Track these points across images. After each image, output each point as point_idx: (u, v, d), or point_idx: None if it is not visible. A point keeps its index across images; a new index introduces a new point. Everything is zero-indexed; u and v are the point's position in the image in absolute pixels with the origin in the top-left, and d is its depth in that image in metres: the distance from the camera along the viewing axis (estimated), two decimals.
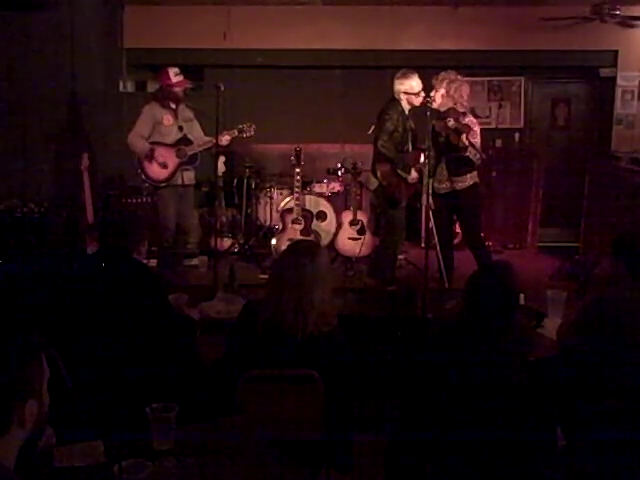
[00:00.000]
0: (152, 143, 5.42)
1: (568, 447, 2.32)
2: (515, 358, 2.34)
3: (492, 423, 2.23)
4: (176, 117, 5.49)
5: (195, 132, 5.59)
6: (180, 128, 5.49)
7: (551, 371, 2.43)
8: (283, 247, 5.10)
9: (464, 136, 4.94)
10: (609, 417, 2.24)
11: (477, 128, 5.15)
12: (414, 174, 5.30)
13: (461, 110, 5.14)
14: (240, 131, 5.49)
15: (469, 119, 5.17)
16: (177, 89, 5.43)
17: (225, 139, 5.39)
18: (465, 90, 5.18)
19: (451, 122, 4.97)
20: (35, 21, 6.03)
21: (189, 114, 5.60)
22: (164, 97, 5.46)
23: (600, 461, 2.17)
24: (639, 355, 2.38)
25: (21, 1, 5.90)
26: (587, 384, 2.34)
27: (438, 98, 5.13)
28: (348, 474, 2.64)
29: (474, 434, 2.22)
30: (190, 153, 5.47)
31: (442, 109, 5.13)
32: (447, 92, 5.12)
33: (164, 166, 5.42)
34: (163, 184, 5.46)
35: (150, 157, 5.37)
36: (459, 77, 5.17)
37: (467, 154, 5.03)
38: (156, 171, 5.43)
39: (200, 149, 5.51)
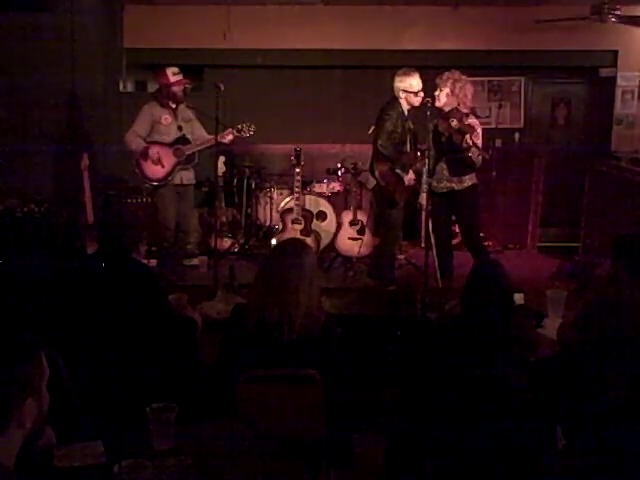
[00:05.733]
0: (150, 142, 5.41)
1: (568, 447, 2.32)
2: (515, 358, 2.34)
3: (492, 423, 2.23)
4: (175, 117, 5.48)
5: (197, 132, 5.58)
6: (179, 128, 5.48)
7: (551, 371, 2.43)
8: None
9: (468, 136, 4.93)
10: (609, 417, 2.24)
11: (480, 129, 5.15)
12: (411, 175, 5.30)
13: (464, 110, 5.13)
14: (239, 131, 5.47)
15: (472, 120, 5.16)
16: (176, 89, 5.43)
17: (228, 138, 5.40)
18: (469, 90, 5.17)
19: (455, 122, 4.97)
20: (35, 21, 6.04)
21: (189, 114, 5.59)
22: (163, 97, 5.46)
23: (600, 461, 2.17)
24: (639, 355, 2.38)
25: (21, 1, 5.91)
26: (587, 384, 2.34)
27: (442, 97, 5.11)
28: (349, 472, 2.64)
29: (474, 434, 2.23)
30: (188, 153, 5.47)
31: (446, 109, 5.12)
32: (452, 91, 5.11)
33: (161, 165, 5.41)
34: (159, 183, 5.46)
35: (146, 156, 5.36)
36: (463, 77, 5.16)
37: (469, 154, 5.03)
38: (153, 170, 5.43)
39: (198, 149, 5.50)
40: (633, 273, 2.75)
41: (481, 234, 5.59)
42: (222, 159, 6.00)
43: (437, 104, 5.01)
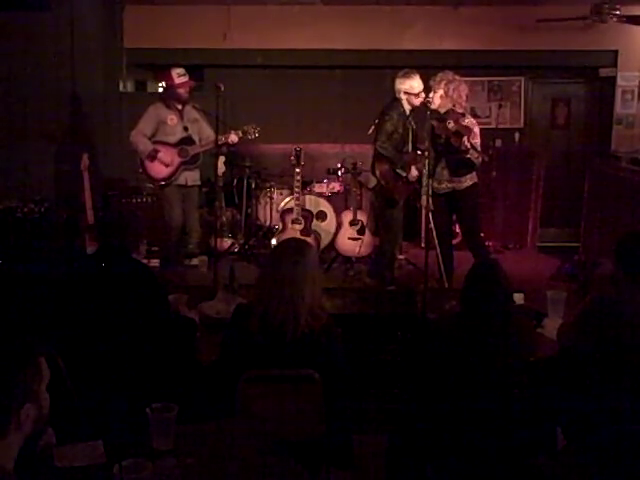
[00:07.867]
0: (155, 142, 5.43)
1: (568, 447, 2.32)
2: (515, 359, 2.34)
3: (492, 423, 2.23)
4: (181, 118, 5.51)
5: (204, 132, 5.60)
6: (185, 128, 5.51)
7: (551, 371, 2.43)
8: None
9: (465, 138, 4.93)
10: (609, 417, 2.24)
11: (477, 129, 5.14)
12: (414, 172, 5.29)
13: (460, 111, 5.13)
14: (245, 132, 5.50)
15: (469, 120, 5.16)
16: (181, 90, 5.45)
17: (232, 139, 5.41)
18: (463, 90, 5.17)
19: (451, 124, 4.96)
20: (35, 21, 6.03)
21: (195, 115, 5.61)
22: (169, 98, 5.49)
23: (600, 461, 2.17)
24: (638, 355, 2.38)
25: (21, 1, 5.90)
26: (587, 384, 2.34)
27: (437, 99, 5.11)
28: (349, 472, 2.64)
29: (474, 434, 2.23)
30: (192, 153, 5.48)
31: (441, 110, 5.12)
32: (445, 93, 5.11)
33: (166, 165, 5.44)
34: (163, 183, 5.48)
35: (153, 157, 5.39)
36: (457, 77, 5.16)
37: (468, 156, 5.03)
38: (157, 170, 5.45)
39: (203, 149, 5.52)
40: (632, 275, 2.75)
41: (481, 234, 5.59)
42: (222, 159, 6.00)
43: (432, 106, 5.00)
